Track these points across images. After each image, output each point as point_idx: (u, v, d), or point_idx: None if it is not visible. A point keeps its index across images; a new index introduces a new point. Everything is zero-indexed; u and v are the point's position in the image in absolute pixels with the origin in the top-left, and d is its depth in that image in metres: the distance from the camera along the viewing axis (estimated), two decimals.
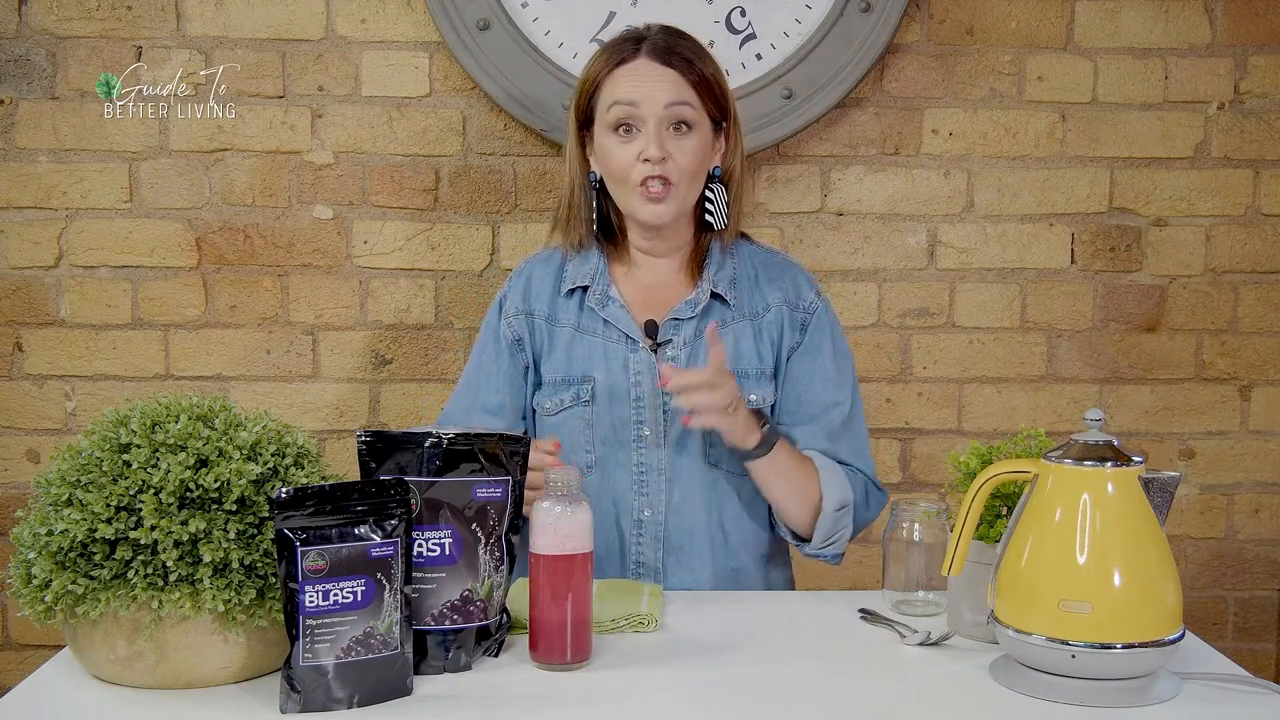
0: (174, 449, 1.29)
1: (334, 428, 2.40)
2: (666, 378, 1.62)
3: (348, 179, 2.36)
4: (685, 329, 1.78)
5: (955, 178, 2.39)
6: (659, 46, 1.75)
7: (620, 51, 1.76)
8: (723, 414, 1.64)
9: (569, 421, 1.78)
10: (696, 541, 1.77)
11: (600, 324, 1.79)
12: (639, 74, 1.73)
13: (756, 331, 1.80)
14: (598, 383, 1.77)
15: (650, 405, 1.76)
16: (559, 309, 1.82)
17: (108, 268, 2.35)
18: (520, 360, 1.83)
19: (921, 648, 1.46)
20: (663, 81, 1.73)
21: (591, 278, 1.81)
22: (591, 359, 1.78)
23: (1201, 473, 2.46)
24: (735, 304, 1.80)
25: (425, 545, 1.35)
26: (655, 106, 1.72)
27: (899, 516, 1.59)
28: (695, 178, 1.76)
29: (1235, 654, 2.04)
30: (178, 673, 1.28)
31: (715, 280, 1.80)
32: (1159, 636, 1.29)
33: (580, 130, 1.81)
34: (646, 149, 1.71)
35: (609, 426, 1.77)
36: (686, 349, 1.78)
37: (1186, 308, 2.43)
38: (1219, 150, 2.40)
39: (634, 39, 1.77)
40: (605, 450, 1.77)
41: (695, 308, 1.79)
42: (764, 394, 1.78)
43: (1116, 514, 1.30)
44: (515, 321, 1.83)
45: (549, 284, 1.84)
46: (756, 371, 1.78)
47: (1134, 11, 2.36)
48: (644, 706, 1.29)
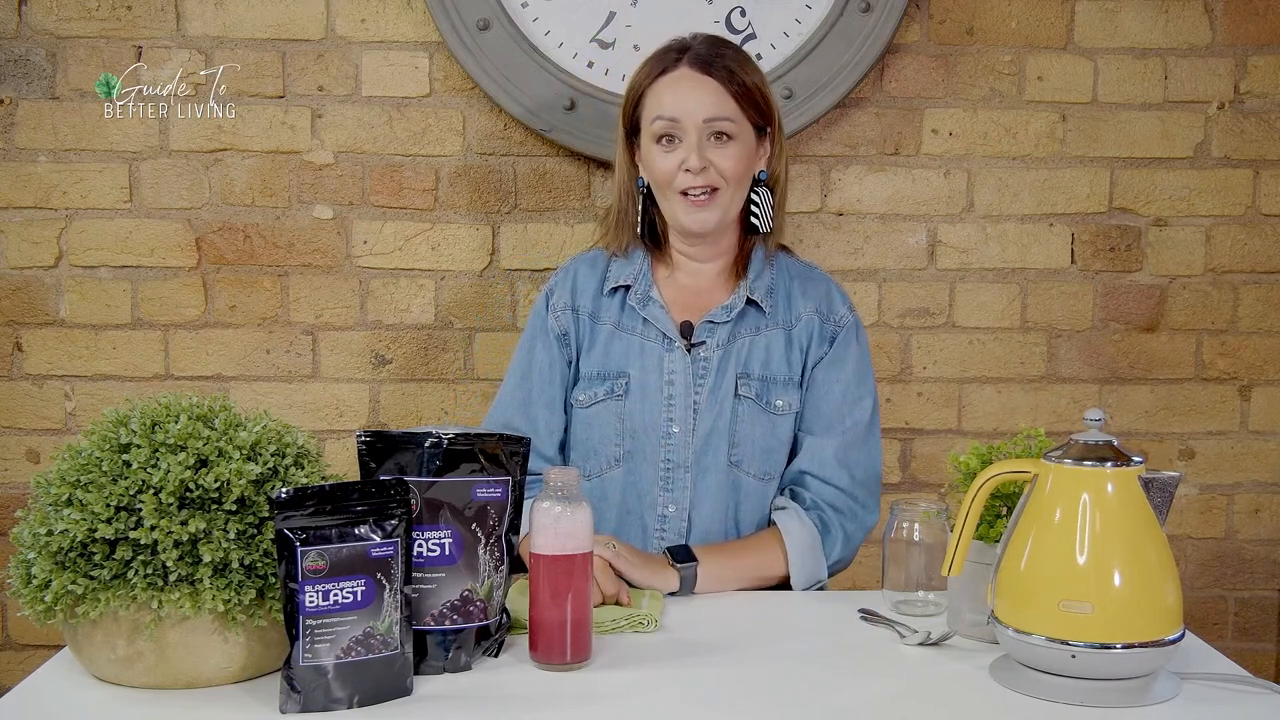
0: (174, 449, 1.29)
1: (334, 428, 2.40)
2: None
3: (348, 179, 2.36)
4: (720, 332, 1.82)
5: (955, 178, 2.39)
6: (700, 56, 1.78)
7: (663, 62, 1.79)
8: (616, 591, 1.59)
9: (601, 415, 1.82)
10: (713, 538, 1.80)
11: (640, 323, 1.84)
12: (680, 86, 1.77)
13: (788, 341, 1.83)
14: (632, 379, 1.82)
15: (681, 404, 1.80)
16: (601, 306, 1.86)
17: (108, 268, 2.35)
18: (565, 354, 1.87)
19: (921, 648, 1.46)
20: (703, 93, 1.76)
21: (634, 278, 1.86)
22: (628, 356, 1.83)
23: (1201, 473, 2.46)
24: (770, 312, 1.84)
25: (425, 545, 1.35)
26: (694, 120, 1.75)
27: (899, 516, 1.59)
28: (739, 183, 1.80)
29: (1235, 654, 2.03)
30: (177, 673, 1.28)
31: (753, 287, 1.83)
32: (1159, 636, 1.29)
33: (628, 138, 1.85)
34: (688, 159, 1.75)
35: (640, 422, 1.80)
36: (719, 351, 1.81)
37: (1186, 308, 2.43)
38: (1219, 150, 2.40)
39: (678, 49, 1.80)
40: (634, 445, 1.80)
41: (730, 312, 1.82)
42: (790, 400, 1.82)
43: (1116, 514, 1.30)
44: (562, 316, 1.87)
45: (594, 282, 1.88)
46: (785, 379, 1.82)
47: (1134, 11, 2.37)
48: (644, 706, 1.29)
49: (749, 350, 1.82)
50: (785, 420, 1.82)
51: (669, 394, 1.80)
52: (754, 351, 1.82)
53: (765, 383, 1.81)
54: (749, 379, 1.81)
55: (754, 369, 1.81)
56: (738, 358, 1.81)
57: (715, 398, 1.80)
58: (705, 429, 1.79)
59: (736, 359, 1.81)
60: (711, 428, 1.79)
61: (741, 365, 1.81)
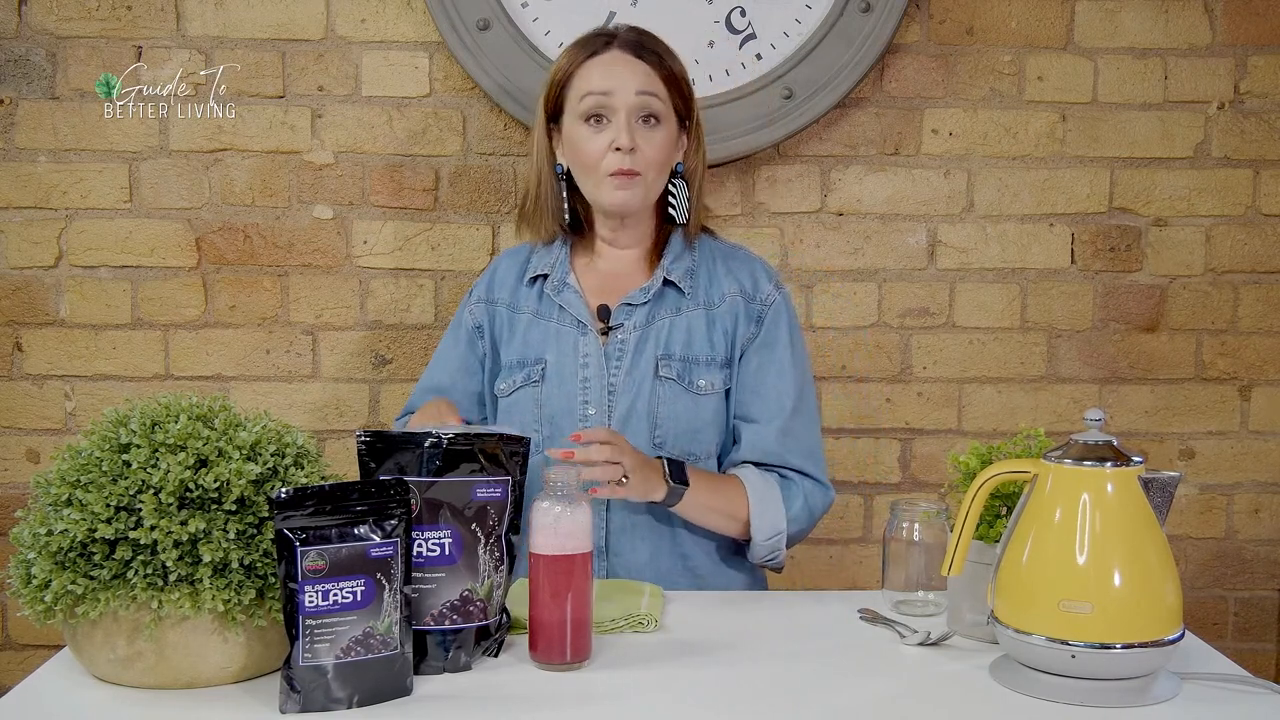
0: (174, 449, 1.29)
1: (334, 428, 2.39)
2: (571, 453, 1.60)
3: (348, 179, 2.36)
4: (637, 315, 1.84)
5: (955, 178, 2.39)
6: (630, 41, 1.83)
7: (591, 45, 1.84)
8: (615, 483, 1.63)
9: (521, 402, 1.84)
10: (639, 522, 1.80)
11: (556, 309, 1.86)
12: (613, 65, 1.81)
13: (710, 320, 1.84)
14: (549, 364, 1.83)
15: (596, 387, 1.81)
16: (520, 297, 1.89)
17: (108, 268, 2.35)
18: (479, 347, 1.90)
19: (921, 648, 1.46)
20: (635, 71, 1.80)
21: (552, 266, 1.88)
22: (545, 342, 1.85)
23: (1201, 473, 2.46)
24: (690, 293, 1.85)
25: (425, 545, 1.35)
26: (627, 94, 1.78)
27: (899, 516, 1.59)
28: (661, 170, 1.83)
29: (1235, 654, 2.04)
30: (177, 673, 1.28)
31: (670, 269, 1.86)
32: (1159, 636, 1.29)
33: (549, 123, 1.87)
34: (618, 138, 1.78)
35: (557, 406, 1.81)
36: (636, 333, 1.83)
37: (1186, 308, 2.43)
38: (1219, 150, 2.40)
39: (606, 35, 1.85)
40: (553, 429, 1.81)
41: (648, 293, 1.84)
42: (714, 380, 1.82)
43: (1116, 514, 1.30)
44: (477, 309, 1.91)
45: (514, 273, 1.92)
46: (707, 358, 1.83)
47: (1134, 11, 2.36)
48: (644, 706, 1.29)
49: (669, 331, 1.82)
50: (709, 400, 1.81)
51: (584, 377, 1.81)
52: (674, 332, 1.82)
53: (687, 363, 1.81)
54: (670, 360, 1.81)
55: (675, 349, 1.82)
56: (657, 339, 1.82)
57: (633, 379, 1.80)
58: (623, 410, 1.79)
59: (656, 340, 1.82)
60: (630, 410, 1.79)
61: (662, 347, 1.81)
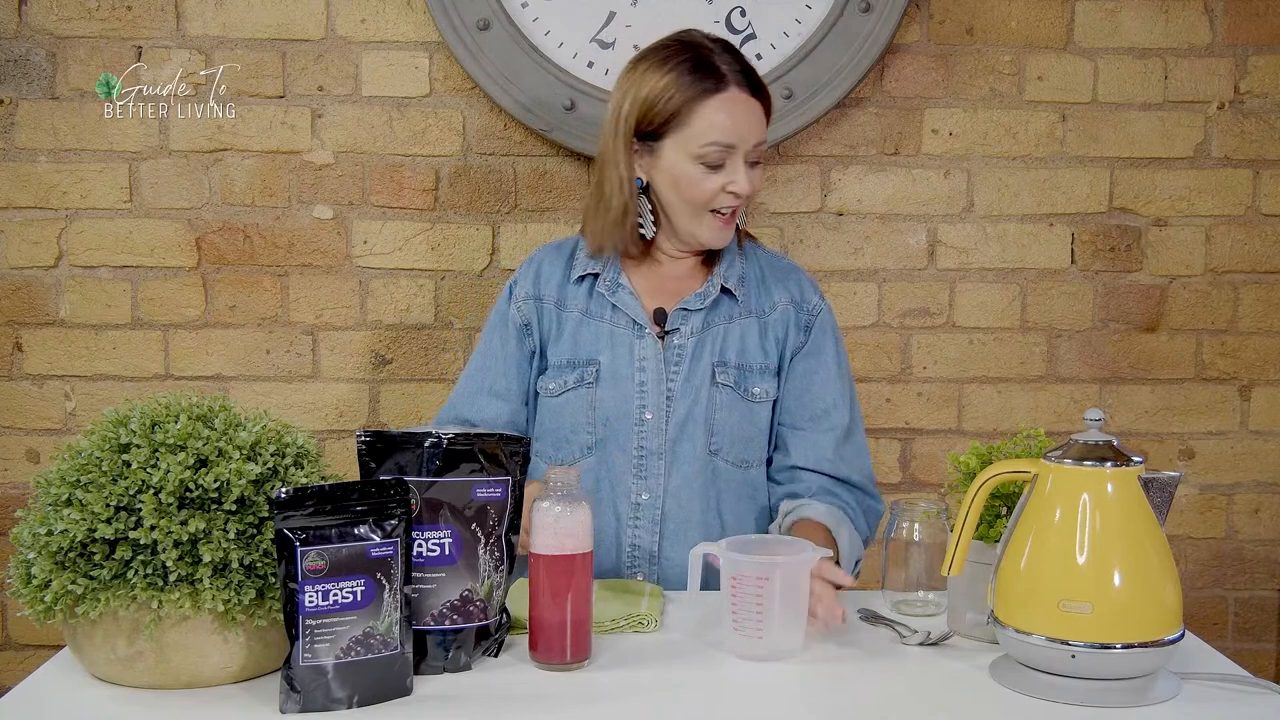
0: (174, 449, 1.29)
1: (334, 428, 2.40)
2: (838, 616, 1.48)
3: (348, 179, 2.36)
4: (693, 320, 1.82)
5: (955, 178, 2.39)
6: (743, 77, 1.76)
7: (703, 79, 1.73)
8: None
9: (572, 403, 1.81)
10: (692, 528, 1.79)
11: (609, 310, 1.84)
12: (735, 109, 1.74)
13: (762, 328, 1.84)
14: (602, 365, 1.81)
15: (654, 390, 1.80)
16: (568, 294, 1.86)
17: (108, 268, 2.35)
18: (527, 345, 1.87)
19: (921, 648, 1.46)
20: (755, 118, 1.77)
21: (602, 266, 1.85)
22: (598, 343, 1.82)
23: (1201, 473, 2.46)
24: (743, 300, 1.85)
25: (425, 545, 1.35)
26: (747, 145, 1.76)
27: (899, 516, 1.59)
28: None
29: (1235, 654, 2.04)
30: (178, 673, 1.28)
31: (726, 276, 1.85)
32: (1159, 636, 1.29)
33: (641, 140, 1.78)
34: (736, 183, 1.75)
35: (612, 409, 1.80)
36: (693, 339, 1.82)
37: (1186, 308, 2.43)
38: (1219, 150, 2.40)
39: (714, 70, 1.74)
40: (607, 432, 1.80)
41: (705, 300, 1.83)
42: (767, 388, 1.83)
43: (1116, 514, 1.30)
44: (524, 306, 1.87)
45: (559, 271, 1.88)
46: (760, 366, 1.83)
47: (1134, 11, 2.36)
48: (644, 706, 1.29)
49: (724, 338, 1.82)
50: (762, 408, 1.83)
51: (640, 380, 1.80)
52: (729, 339, 1.82)
53: (742, 370, 1.81)
54: (726, 367, 1.81)
55: (730, 357, 1.82)
56: (713, 345, 1.81)
57: (690, 385, 1.80)
58: (681, 416, 1.79)
59: (712, 347, 1.81)
60: (687, 415, 1.79)
61: (717, 354, 1.81)
